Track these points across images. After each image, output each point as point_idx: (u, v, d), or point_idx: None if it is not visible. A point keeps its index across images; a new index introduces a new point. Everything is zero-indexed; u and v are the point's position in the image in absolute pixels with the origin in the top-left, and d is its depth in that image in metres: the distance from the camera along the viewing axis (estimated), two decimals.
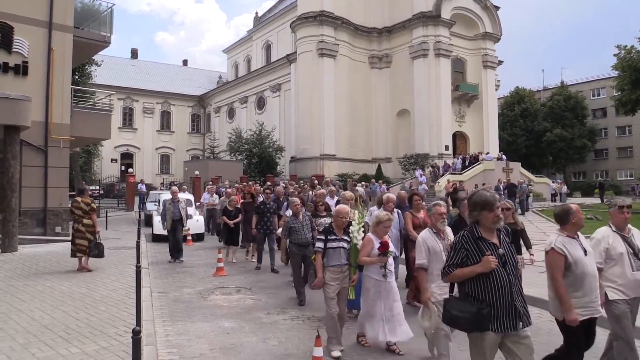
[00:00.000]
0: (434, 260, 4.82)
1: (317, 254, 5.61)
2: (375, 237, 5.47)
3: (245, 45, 56.95)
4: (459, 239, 3.56)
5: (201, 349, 5.60)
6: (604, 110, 59.90)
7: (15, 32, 14.17)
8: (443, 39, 37.71)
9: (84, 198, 10.25)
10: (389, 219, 5.61)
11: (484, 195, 3.54)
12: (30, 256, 11.65)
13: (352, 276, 5.62)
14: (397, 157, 38.64)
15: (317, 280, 5.55)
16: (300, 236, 7.99)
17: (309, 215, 8.45)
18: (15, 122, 12.64)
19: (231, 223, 11.74)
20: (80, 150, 29.37)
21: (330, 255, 5.56)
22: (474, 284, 3.45)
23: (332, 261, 5.53)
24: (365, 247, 5.47)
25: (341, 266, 5.55)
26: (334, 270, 5.52)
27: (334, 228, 5.70)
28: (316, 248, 5.67)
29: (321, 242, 5.62)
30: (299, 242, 7.96)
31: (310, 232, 8.11)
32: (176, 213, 11.93)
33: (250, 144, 37.51)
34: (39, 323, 6.22)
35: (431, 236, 5.04)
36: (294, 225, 8.07)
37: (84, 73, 27.21)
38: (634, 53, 31.27)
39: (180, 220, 11.97)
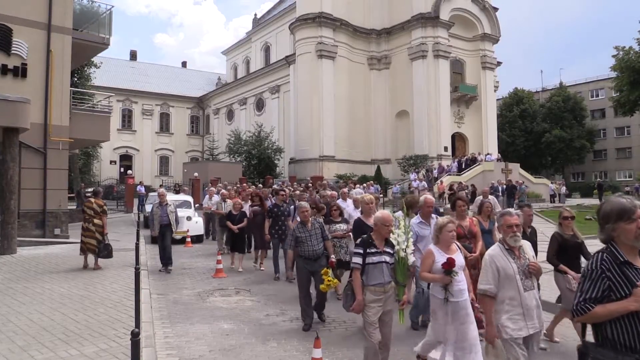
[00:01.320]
0: (506, 286, 3.95)
1: (355, 272, 4.69)
2: (437, 249, 4.71)
3: (244, 46, 56.98)
4: (598, 264, 2.62)
5: (200, 350, 5.60)
6: (603, 111, 59.99)
7: (14, 34, 14.18)
8: (442, 40, 37.75)
9: (97, 200, 10.96)
10: (451, 223, 4.80)
11: (618, 203, 2.67)
12: (29, 258, 11.64)
13: (401, 297, 4.87)
14: (396, 159, 38.65)
15: (357, 303, 4.64)
16: (307, 248, 6.77)
17: (320, 223, 7.14)
18: (14, 124, 12.64)
19: (235, 228, 10.93)
20: (79, 152, 29.36)
21: (370, 272, 4.69)
22: (622, 327, 2.54)
23: (373, 279, 4.68)
24: (425, 260, 4.75)
25: (384, 285, 4.70)
26: (376, 290, 4.67)
27: (374, 239, 4.80)
28: (354, 264, 4.71)
29: (359, 257, 4.71)
30: (307, 255, 6.76)
31: (320, 242, 6.89)
32: (164, 217, 11.04)
33: (250, 145, 37.50)
34: (37, 325, 6.21)
35: (502, 254, 4.05)
36: (300, 234, 6.85)
37: (83, 75, 27.22)
38: (633, 54, 31.35)
39: (169, 225, 11.04)
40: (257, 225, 10.91)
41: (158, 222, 10.95)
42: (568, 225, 6.01)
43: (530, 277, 4.00)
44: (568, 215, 6.08)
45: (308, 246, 6.79)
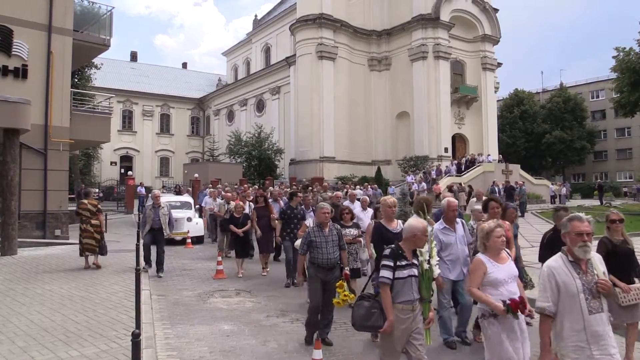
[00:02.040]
0: (567, 306, 3.34)
1: (385, 288, 4.06)
2: (488, 258, 4.06)
3: (244, 47, 57.03)
4: None
5: (201, 351, 5.60)
6: (603, 112, 59.99)
7: (15, 35, 14.20)
8: (442, 42, 37.76)
9: (90, 200, 11.06)
10: (499, 227, 4.14)
11: None
12: (29, 259, 11.65)
13: (427, 314, 4.28)
14: (396, 160, 38.66)
15: (388, 324, 4.02)
16: (322, 255, 5.95)
17: (338, 229, 6.33)
18: (14, 125, 12.66)
19: (239, 232, 10.51)
20: (80, 153, 29.40)
21: (398, 287, 4.08)
22: None
23: (402, 295, 4.09)
24: (475, 272, 4.07)
25: (412, 302, 4.13)
26: (404, 309, 4.09)
27: (404, 249, 4.18)
28: (383, 279, 4.07)
29: (389, 271, 4.06)
30: (321, 263, 5.94)
31: (337, 251, 6.10)
32: (156, 220, 10.45)
33: (250, 146, 37.52)
34: (38, 326, 6.21)
35: (564, 267, 3.41)
36: (316, 238, 6.01)
37: (83, 76, 27.26)
38: (633, 55, 31.36)
39: (161, 229, 10.49)
40: (261, 229, 10.50)
41: (149, 224, 10.44)
42: (617, 229, 5.28)
43: (599, 297, 3.36)
44: (616, 218, 5.33)
45: (323, 253, 5.96)
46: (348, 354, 5.60)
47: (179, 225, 15.35)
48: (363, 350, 5.72)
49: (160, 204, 10.70)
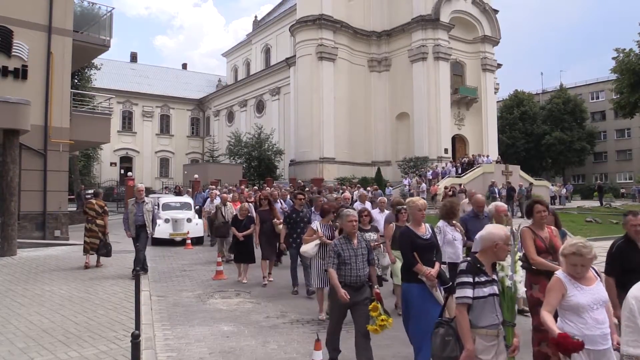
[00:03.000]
0: None
1: (462, 309, 3.41)
2: (568, 278, 3.40)
3: (244, 48, 57.05)
4: None
5: (200, 352, 5.59)
6: (603, 113, 60.02)
7: (14, 36, 14.20)
8: (442, 42, 37.78)
9: (98, 201, 11.19)
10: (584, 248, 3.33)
11: None
12: (29, 260, 11.64)
13: (511, 341, 3.53)
14: (396, 161, 38.66)
15: (467, 355, 3.37)
16: (350, 272, 5.04)
17: (367, 241, 5.43)
18: (14, 126, 12.66)
19: (241, 236, 9.75)
20: (80, 153, 29.38)
21: (479, 309, 3.42)
22: None
23: (484, 319, 3.42)
24: (550, 293, 3.44)
25: (497, 327, 3.46)
26: (489, 335, 3.43)
27: (483, 262, 3.51)
28: (462, 299, 3.40)
29: (468, 289, 3.39)
30: (349, 282, 5.02)
31: (366, 267, 5.19)
32: (139, 216, 9.85)
33: (250, 147, 37.53)
34: (38, 327, 6.21)
35: None
36: (343, 252, 5.09)
37: (83, 77, 27.26)
38: (633, 56, 31.37)
39: (144, 226, 9.89)
40: (264, 233, 9.71)
41: (133, 222, 9.88)
42: None
43: None
44: None
45: (352, 269, 5.04)
46: (348, 355, 5.58)
47: (178, 226, 15.40)
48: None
49: (143, 198, 10.07)
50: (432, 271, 4.92)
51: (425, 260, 4.97)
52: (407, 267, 5.04)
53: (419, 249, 4.95)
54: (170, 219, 15.43)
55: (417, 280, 4.94)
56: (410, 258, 4.98)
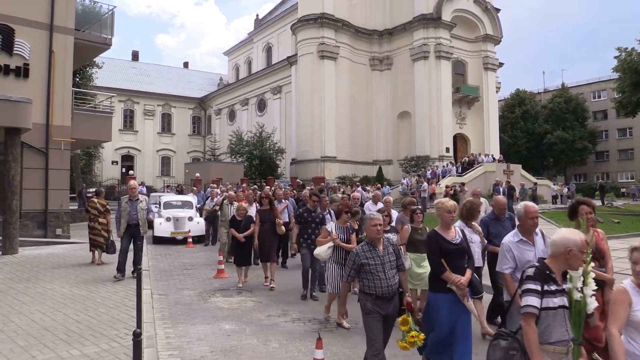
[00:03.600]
0: None
1: (530, 320, 2.98)
2: (635, 288, 3.08)
3: (246, 47, 57.07)
4: None
5: (202, 351, 5.59)
6: (605, 112, 59.91)
7: (16, 35, 14.21)
8: (444, 41, 37.75)
9: (100, 199, 11.39)
10: None
11: None
12: (30, 258, 11.65)
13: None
14: (397, 159, 38.65)
15: None
16: (380, 282, 4.50)
17: (394, 245, 4.93)
18: (16, 124, 12.66)
19: (241, 237, 9.28)
20: (81, 152, 29.42)
21: (547, 321, 3.01)
22: None
23: (552, 333, 3.01)
24: (616, 306, 3.12)
25: (567, 343, 3.06)
26: (557, 352, 3.04)
27: (554, 270, 3.10)
28: (528, 308, 2.99)
29: (536, 297, 3.00)
30: (380, 293, 4.48)
31: (396, 274, 4.66)
32: (133, 215, 9.42)
33: (251, 146, 37.55)
34: (39, 325, 6.21)
35: None
36: (369, 261, 4.56)
37: (85, 75, 27.28)
38: (635, 55, 31.23)
39: (138, 226, 9.47)
40: (264, 234, 9.19)
41: (125, 220, 9.46)
42: None
43: None
44: None
45: (381, 279, 4.50)
46: (350, 354, 5.58)
47: (180, 224, 15.41)
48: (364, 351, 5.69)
49: (137, 196, 9.62)
50: (462, 279, 4.46)
51: (455, 267, 4.50)
52: (434, 274, 4.61)
53: (448, 255, 4.52)
54: (171, 217, 15.45)
55: (445, 289, 4.47)
56: (438, 265, 4.52)
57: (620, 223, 18.95)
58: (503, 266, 4.48)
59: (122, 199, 9.77)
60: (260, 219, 9.33)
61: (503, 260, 4.50)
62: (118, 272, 9.28)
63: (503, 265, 4.48)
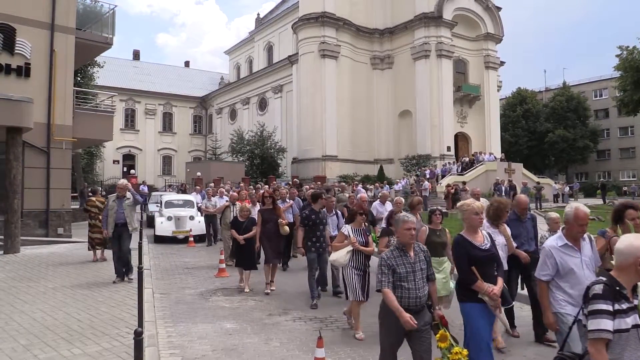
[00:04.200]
0: None
1: (600, 345, 2.61)
2: None
3: (246, 46, 57.05)
4: None
5: (203, 350, 5.59)
6: (606, 110, 59.79)
7: (17, 34, 14.23)
8: (445, 40, 37.71)
9: (98, 197, 11.60)
10: None
11: None
12: (32, 257, 11.67)
13: None
14: (399, 158, 38.64)
15: None
16: (409, 292, 4.02)
17: (425, 251, 4.33)
18: (17, 124, 12.68)
19: (240, 239, 8.78)
20: (82, 151, 29.41)
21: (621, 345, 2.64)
22: None
23: (626, 358, 2.65)
24: None
25: None
26: None
27: (623, 284, 2.72)
28: (597, 332, 2.62)
29: (608, 318, 2.61)
30: (408, 305, 4.00)
31: (426, 284, 4.18)
32: (120, 213, 9.04)
33: (252, 145, 37.57)
34: (41, 324, 6.22)
35: None
36: (398, 268, 4.06)
37: (86, 74, 27.28)
38: (636, 54, 31.26)
39: (126, 225, 9.08)
40: (267, 235, 8.80)
41: (113, 219, 9.04)
42: None
43: None
44: None
45: (410, 289, 4.01)
46: (351, 352, 5.58)
47: (181, 223, 15.43)
48: (365, 349, 5.70)
49: (125, 194, 9.20)
50: (495, 289, 4.09)
51: (485, 275, 4.12)
52: (464, 284, 4.20)
53: (478, 262, 4.12)
54: (172, 216, 15.47)
55: (476, 299, 4.11)
56: (467, 273, 4.12)
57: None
58: (541, 272, 4.14)
59: (109, 198, 9.53)
60: (262, 218, 8.86)
61: (542, 266, 4.15)
62: (117, 277, 9.08)
63: (541, 271, 4.13)
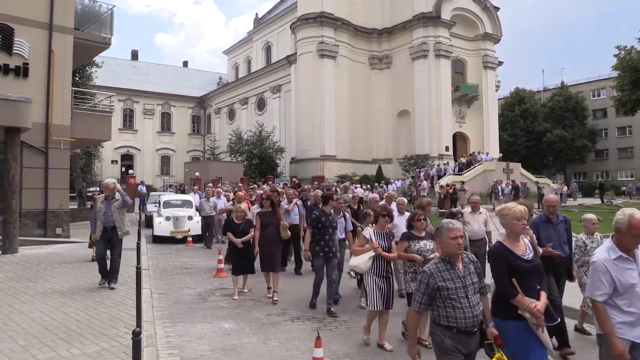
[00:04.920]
0: None
1: None
2: None
3: (245, 46, 57.03)
4: None
5: (202, 350, 5.60)
6: (604, 110, 59.90)
7: (16, 34, 14.19)
8: (443, 40, 37.74)
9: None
10: None
11: None
12: (30, 258, 11.65)
13: None
14: (397, 158, 38.66)
15: None
16: (462, 311, 3.45)
17: (475, 262, 3.73)
18: (15, 124, 12.65)
19: (238, 242, 8.23)
20: (81, 151, 29.39)
21: None
22: None
23: None
24: None
25: None
26: None
27: None
28: None
29: None
30: (462, 326, 3.45)
31: (480, 300, 3.61)
32: (109, 216, 8.37)
33: (251, 145, 37.58)
34: (39, 324, 6.22)
35: None
36: (446, 283, 3.50)
37: (84, 74, 27.26)
38: (634, 53, 31.32)
39: (115, 228, 8.43)
40: (265, 240, 8.14)
41: (102, 222, 8.41)
42: None
43: None
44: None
45: (463, 307, 3.44)
46: (349, 352, 5.59)
47: (180, 223, 15.42)
48: (363, 350, 5.71)
49: (114, 195, 8.56)
50: (538, 305, 3.55)
51: (527, 289, 3.61)
52: (502, 298, 3.66)
53: (520, 274, 3.62)
54: (171, 216, 15.46)
55: (516, 315, 3.59)
56: (508, 286, 3.60)
57: None
58: (596, 292, 3.50)
59: (97, 199, 9.00)
60: (261, 222, 8.21)
61: (596, 284, 3.50)
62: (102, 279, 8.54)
63: (596, 291, 3.49)
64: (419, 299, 3.53)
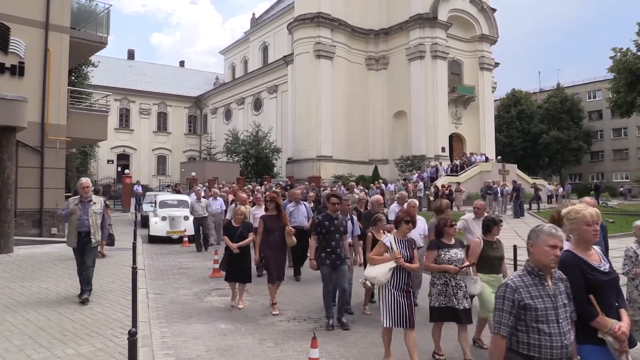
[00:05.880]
0: None
1: None
2: None
3: (242, 46, 56.98)
4: None
5: (197, 350, 5.59)
6: (600, 112, 60.16)
7: (11, 33, 14.14)
8: (440, 41, 37.84)
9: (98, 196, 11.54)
10: None
11: None
12: (25, 257, 11.61)
13: None
14: (393, 159, 38.74)
15: None
16: (551, 339, 2.78)
17: (564, 279, 3.00)
18: (11, 123, 12.60)
19: (234, 247, 7.48)
20: (77, 151, 29.28)
21: None
22: None
23: None
24: None
25: None
26: None
27: None
28: None
29: None
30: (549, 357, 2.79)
31: (569, 324, 2.94)
32: (84, 220, 7.40)
33: (247, 145, 37.54)
34: (34, 324, 6.20)
35: None
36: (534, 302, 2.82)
37: (80, 74, 27.17)
38: (630, 55, 31.41)
39: (89, 234, 7.47)
40: (270, 246, 7.48)
41: (75, 227, 7.42)
42: None
43: None
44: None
45: (552, 335, 2.80)
46: (345, 353, 5.59)
47: (175, 223, 15.39)
48: (359, 349, 5.72)
49: (90, 197, 7.64)
50: (622, 326, 3.02)
51: (605, 307, 3.06)
52: (578, 318, 3.06)
53: (598, 290, 3.07)
54: (167, 216, 15.44)
55: (595, 339, 3.06)
56: (585, 305, 3.04)
57: (615, 222, 19.04)
58: None
59: (70, 201, 7.79)
60: (265, 227, 7.47)
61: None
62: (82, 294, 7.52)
63: None
64: (505, 320, 2.80)
